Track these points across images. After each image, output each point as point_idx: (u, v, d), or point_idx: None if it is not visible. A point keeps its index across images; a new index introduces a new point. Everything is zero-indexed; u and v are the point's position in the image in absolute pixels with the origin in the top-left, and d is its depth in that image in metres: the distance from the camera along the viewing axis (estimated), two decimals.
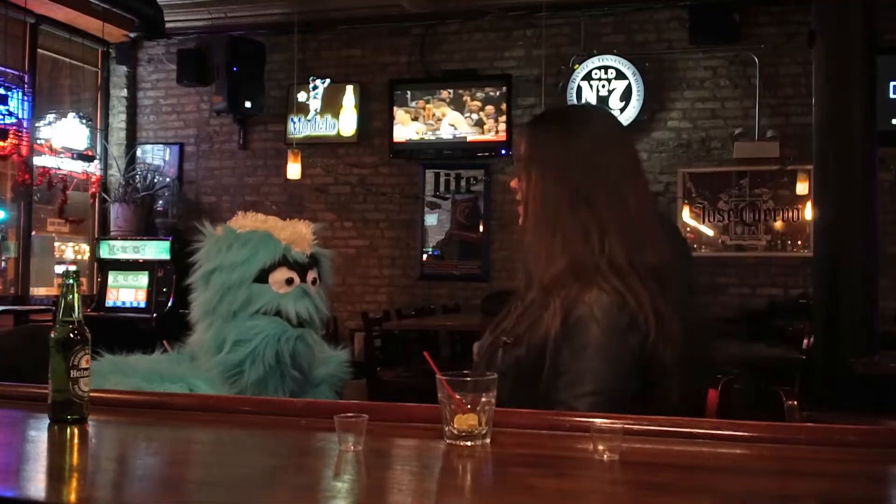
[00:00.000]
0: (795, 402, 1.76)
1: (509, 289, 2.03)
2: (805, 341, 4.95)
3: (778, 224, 7.60)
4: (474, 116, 8.23)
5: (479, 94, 8.23)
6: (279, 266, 2.28)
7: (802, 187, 7.31)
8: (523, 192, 1.93)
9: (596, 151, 1.87)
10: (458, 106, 8.27)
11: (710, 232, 7.75)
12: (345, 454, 1.38)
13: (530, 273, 1.84)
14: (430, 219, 8.48)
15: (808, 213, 7.15)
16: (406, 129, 8.39)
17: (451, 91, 8.31)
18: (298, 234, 2.37)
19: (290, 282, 2.28)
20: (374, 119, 8.70)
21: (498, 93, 8.18)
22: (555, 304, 1.76)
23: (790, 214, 7.57)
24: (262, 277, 2.26)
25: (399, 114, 8.40)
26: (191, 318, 2.36)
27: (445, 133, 8.31)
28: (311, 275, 2.34)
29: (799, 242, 7.52)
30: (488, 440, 1.46)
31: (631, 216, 1.81)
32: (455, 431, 1.45)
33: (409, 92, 8.42)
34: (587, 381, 1.72)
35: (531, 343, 1.77)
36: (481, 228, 8.36)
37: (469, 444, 1.45)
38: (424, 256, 8.49)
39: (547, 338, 1.74)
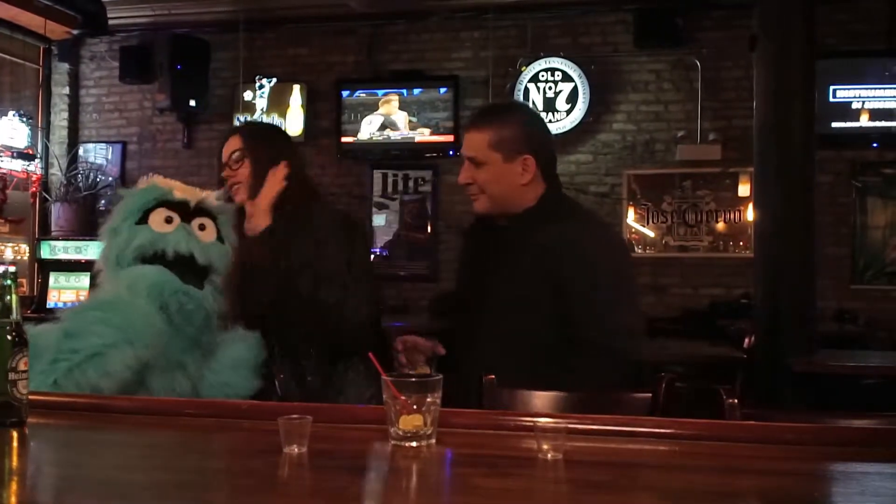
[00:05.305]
0: (735, 401, 1.79)
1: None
2: (746, 340, 5.03)
3: (720, 225, 7.71)
4: (422, 117, 8.22)
5: (427, 95, 8.23)
6: (158, 206, 2.27)
7: (744, 189, 7.42)
8: None
9: None
10: (406, 107, 8.26)
11: (653, 233, 7.84)
12: (289, 456, 1.38)
13: None
14: (378, 219, 8.44)
15: (750, 214, 7.26)
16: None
17: (399, 91, 8.30)
18: (189, 188, 2.35)
19: (169, 220, 2.25)
20: (322, 119, 8.64)
21: (445, 94, 8.19)
22: None
23: (732, 216, 7.68)
24: (143, 219, 2.25)
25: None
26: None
27: (393, 134, 8.30)
28: (198, 221, 2.29)
29: (741, 243, 7.63)
30: (433, 440, 1.47)
31: None
32: (400, 432, 1.46)
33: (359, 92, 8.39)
34: None
35: None
36: (429, 229, 8.34)
37: (414, 444, 1.45)
38: (372, 257, 8.45)
39: None
